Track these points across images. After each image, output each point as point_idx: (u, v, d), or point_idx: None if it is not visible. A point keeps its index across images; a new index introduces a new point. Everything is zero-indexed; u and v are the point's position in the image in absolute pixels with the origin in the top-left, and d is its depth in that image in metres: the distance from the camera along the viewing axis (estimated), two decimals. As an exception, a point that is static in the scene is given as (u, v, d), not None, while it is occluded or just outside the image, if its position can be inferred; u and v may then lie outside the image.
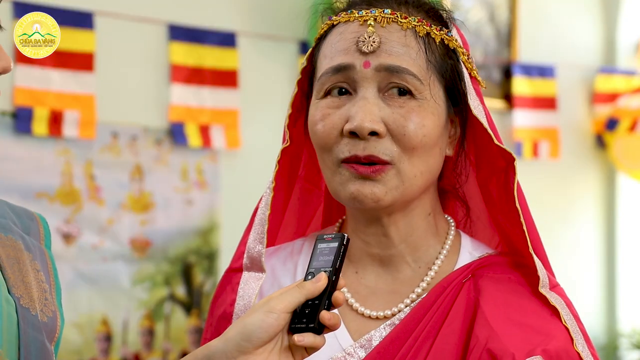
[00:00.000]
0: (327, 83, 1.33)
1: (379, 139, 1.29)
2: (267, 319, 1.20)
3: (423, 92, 1.30)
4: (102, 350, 3.98)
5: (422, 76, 1.30)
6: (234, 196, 4.28)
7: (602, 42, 5.63)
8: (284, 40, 4.43)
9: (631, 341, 5.47)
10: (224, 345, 1.22)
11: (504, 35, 5.24)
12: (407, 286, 1.37)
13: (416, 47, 1.31)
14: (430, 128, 1.30)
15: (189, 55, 4.19)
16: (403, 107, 1.29)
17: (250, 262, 1.42)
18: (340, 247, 1.24)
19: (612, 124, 5.42)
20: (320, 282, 1.22)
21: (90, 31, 3.91)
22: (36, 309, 1.25)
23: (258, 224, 1.41)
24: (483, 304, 1.31)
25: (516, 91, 5.22)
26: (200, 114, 4.22)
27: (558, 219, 5.36)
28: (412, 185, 1.32)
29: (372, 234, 1.38)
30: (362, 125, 1.28)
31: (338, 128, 1.31)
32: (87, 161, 3.95)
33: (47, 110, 3.81)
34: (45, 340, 1.24)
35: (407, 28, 1.31)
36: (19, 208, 1.36)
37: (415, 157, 1.30)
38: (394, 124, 1.29)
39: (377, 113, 1.29)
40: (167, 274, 4.16)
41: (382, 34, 1.31)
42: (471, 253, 1.40)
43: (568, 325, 1.29)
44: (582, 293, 5.42)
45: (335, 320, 1.21)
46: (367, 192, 1.30)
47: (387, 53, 1.30)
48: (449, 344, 1.30)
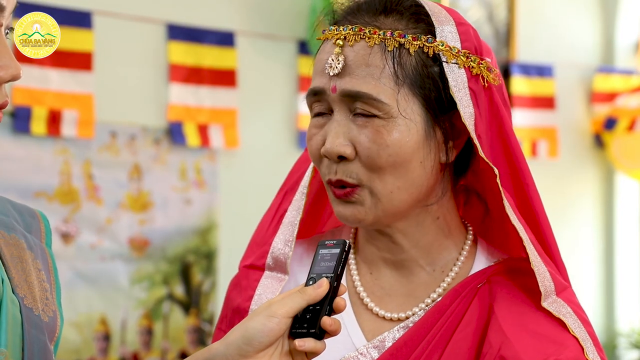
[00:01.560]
0: (310, 105, 1.36)
1: (348, 161, 1.31)
2: (268, 324, 1.20)
3: (389, 112, 1.29)
4: (101, 349, 3.98)
5: (386, 96, 1.29)
6: (233, 196, 4.28)
7: (600, 42, 5.63)
8: (282, 39, 4.43)
9: (629, 340, 5.47)
10: (225, 349, 1.22)
11: (502, 34, 5.25)
12: (423, 290, 1.37)
13: (381, 64, 1.29)
14: (397, 146, 1.29)
15: (188, 54, 4.19)
16: (367, 128, 1.30)
17: (274, 263, 1.42)
18: (342, 254, 1.24)
19: (611, 123, 5.43)
20: (321, 288, 1.22)
21: (89, 31, 3.91)
22: (39, 308, 1.25)
23: (288, 226, 1.42)
24: (497, 311, 1.31)
25: (515, 91, 5.22)
26: (199, 114, 4.22)
27: (556, 218, 5.34)
28: (391, 201, 1.32)
29: (382, 241, 1.38)
30: (331, 150, 1.30)
31: (319, 149, 1.34)
32: (86, 161, 3.95)
33: (46, 109, 3.81)
34: (47, 340, 1.24)
35: (374, 44, 1.30)
36: (21, 205, 1.36)
37: (387, 175, 1.30)
38: (360, 146, 1.30)
39: (346, 135, 1.30)
40: (165, 274, 4.16)
41: (347, 54, 1.30)
42: (487, 258, 1.40)
43: (576, 334, 1.29)
44: (580, 292, 5.38)
45: (336, 326, 1.22)
46: (348, 214, 1.33)
47: (349, 76, 1.30)
48: (462, 348, 1.30)
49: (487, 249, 1.41)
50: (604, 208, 5.64)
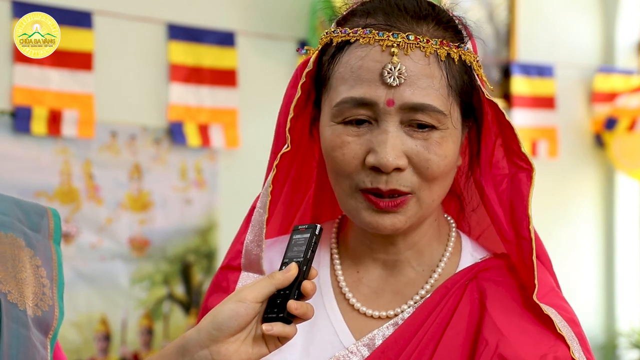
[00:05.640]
0: (346, 112, 1.30)
1: (401, 171, 1.29)
2: (237, 309, 1.22)
3: (446, 123, 1.29)
4: (101, 349, 3.98)
5: (444, 107, 1.28)
6: (233, 195, 4.28)
7: (601, 42, 5.63)
8: (282, 39, 4.43)
9: (630, 340, 5.47)
10: (197, 335, 1.25)
11: (502, 34, 5.25)
12: (411, 287, 1.38)
13: (439, 74, 1.28)
14: (451, 157, 1.31)
15: (188, 54, 4.19)
16: (426, 140, 1.28)
17: (248, 263, 1.42)
18: (312, 238, 1.25)
19: (611, 123, 5.43)
20: (290, 272, 1.24)
21: (89, 30, 3.91)
22: (25, 304, 1.28)
23: (256, 226, 1.41)
24: (490, 308, 1.32)
25: (515, 90, 5.22)
26: (199, 113, 4.22)
27: (557, 218, 5.36)
28: (429, 209, 1.33)
29: (379, 242, 1.39)
30: (387, 162, 1.26)
31: (359, 158, 1.29)
32: (86, 160, 3.95)
33: (46, 109, 3.81)
34: (32, 334, 1.27)
35: (430, 54, 1.28)
36: (29, 204, 1.39)
37: (436, 185, 1.31)
38: (417, 157, 1.28)
39: (400, 147, 1.27)
40: (165, 273, 4.16)
41: (406, 64, 1.27)
42: (472, 254, 1.41)
43: (563, 333, 1.29)
44: (580, 292, 5.43)
45: (303, 310, 1.23)
46: (387, 224, 1.31)
47: (411, 88, 1.26)
48: (455, 345, 1.30)
49: (471, 244, 1.43)
50: (604, 208, 5.64)
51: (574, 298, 1.46)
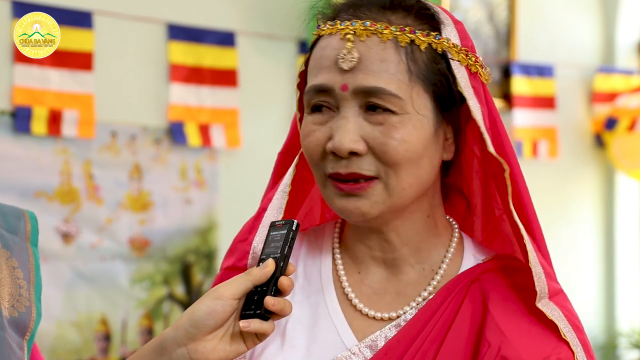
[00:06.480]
0: (311, 100, 1.33)
1: (360, 157, 1.29)
2: (214, 306, 1.22)
3: (404, 107, 1.29)
4: (101, 349, 3.98)
5: (401, 92, 1.28)
6: (233, 195, 4.28)
7: (601, 42, 5.63)
8: (283, 39, 4.43)
9: (630, 340, 5.47)
10: (174, 333, 1.24)
11: (503, 34, 5.25)
12: (413, 288, 1.37)
13: (395, 59, 1.29)
14: (413, 143, 1.29)
15: (188, 54, 4.20)
16: (383, 124, 1.29)
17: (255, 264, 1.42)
18: (288, 234, 1.26)
19: (611, 123, 5.43)
20: (267, 268, 1.24)
21: (89, 30, 3.91)
22: (1, 305, 1.28)
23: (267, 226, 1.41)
24: (493, 310, 1.31)
25: (515, 91, 5.22)
26: (200, 113, 4.22)
27: (557, 218, 5.36)
28: (401, 197, 1.32)
29: (374, 239, 1.38)
30: (341, 146, 1.28)
31: (322, 145, 1.31)
32: (86, 160, 3.95)
33: (46, 109, 3.81)
34: (7, 335, 1.27)
35: (387, 39, 1.29)
36: (7, 207, 1.39)
37: (402, 171, 1.30)
38: (374, 141, 1.29)
39: (357, 132, 1.29)
40: (166, 274, 4.16)
41: (360, 49, 1.29)
42: (475, 255, 1.40)
43: (568, 339, 1.29)
44: (580, 292, 5.42)
45: (280, 306, 1.23)
46: (351, 208, 1.31)
47: (364, 72, 1.28)
48: (458, 346, 1.30)
49: (474, 245, 1.42)
50: (604, 208, 5.64)
51: (574, 298, 1.45)
